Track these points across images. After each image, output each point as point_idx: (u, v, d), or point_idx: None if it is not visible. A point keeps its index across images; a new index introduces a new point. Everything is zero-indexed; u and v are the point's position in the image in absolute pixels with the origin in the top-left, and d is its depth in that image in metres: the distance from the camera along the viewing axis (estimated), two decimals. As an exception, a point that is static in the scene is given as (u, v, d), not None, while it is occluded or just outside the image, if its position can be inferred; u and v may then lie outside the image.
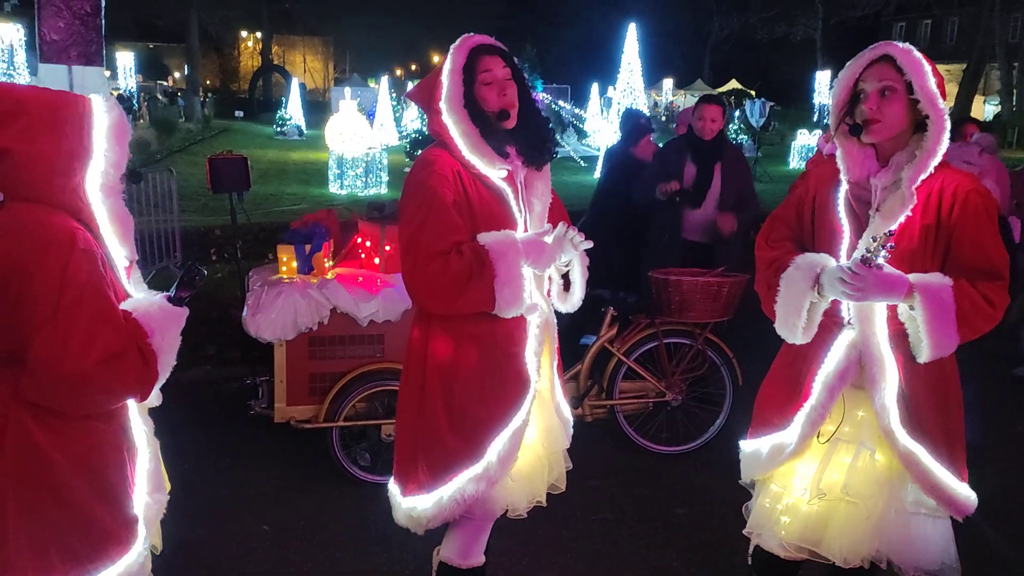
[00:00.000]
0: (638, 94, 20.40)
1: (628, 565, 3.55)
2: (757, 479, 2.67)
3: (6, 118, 1.96)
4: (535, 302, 2.58)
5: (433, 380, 2.55)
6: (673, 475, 4.39)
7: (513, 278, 2.42)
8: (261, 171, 16.56)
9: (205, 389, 5.31)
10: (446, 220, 2.41)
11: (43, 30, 8.06)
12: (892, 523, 2.43)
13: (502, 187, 2.55)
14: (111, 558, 2.09)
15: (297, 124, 29.03)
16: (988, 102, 35.59)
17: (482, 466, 2.52)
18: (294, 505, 3.97)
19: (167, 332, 2.09)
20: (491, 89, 2.50)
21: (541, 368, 2.65)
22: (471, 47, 2.50)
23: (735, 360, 4.57)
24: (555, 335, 2.75)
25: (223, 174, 4.77)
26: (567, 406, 2.84)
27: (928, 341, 2.27)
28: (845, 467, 2.46)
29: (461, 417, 2.53)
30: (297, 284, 4.02)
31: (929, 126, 2.29)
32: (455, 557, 2.74)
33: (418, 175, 2.49)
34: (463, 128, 2.46)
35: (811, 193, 2.54)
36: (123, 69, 34.01)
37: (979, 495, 2.49)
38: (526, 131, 2.60)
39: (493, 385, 2.53)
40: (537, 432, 2.69)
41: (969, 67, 28.08)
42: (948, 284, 2.25)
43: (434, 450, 2.55)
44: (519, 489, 2.66)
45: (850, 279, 2.23)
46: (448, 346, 2.53)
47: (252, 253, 7.91)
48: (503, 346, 2.55)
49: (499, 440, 2.53)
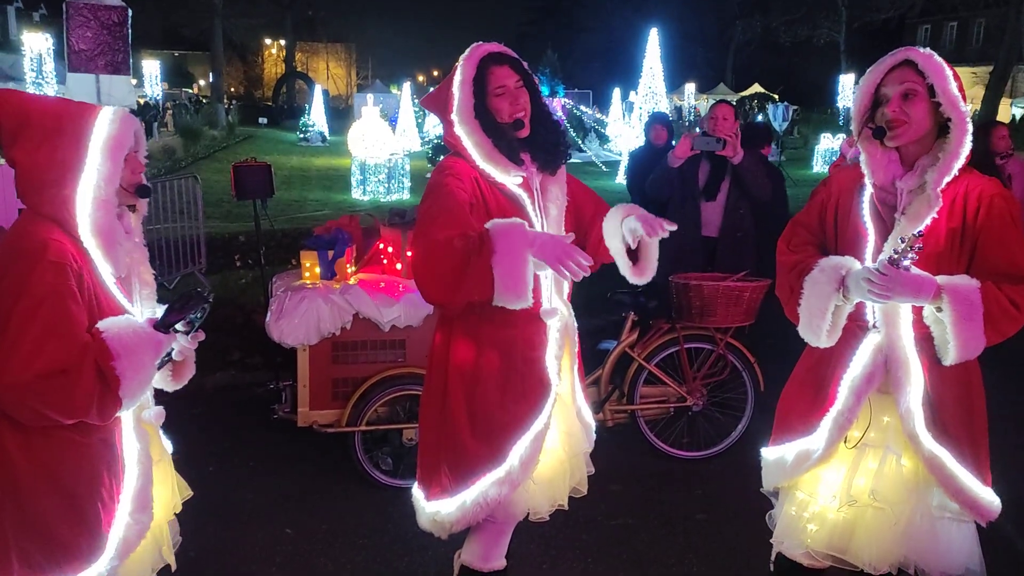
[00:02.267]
0: (660, 98, 20.35)
1: (648, 570, 3.55)
2: (781, 487, 2.65)
3: (17, 132, 2.00)
4: (554, 307, 2.59)
5: (455, 385, 2.56)
6: (694, 481, 4.38)
7: (512, 258, 2.27)
8: (284, 177, 16.71)
9: (229, 394, 5.37)
10: (458, 213, 2.41)
11: (71, 40, 8.20)
12: (918, 528, 2.42)
13: (519, 193, 2.56)
14: (65, 572, 2.05)
15: (320, 131, 29.23)
16: (1015, 104, 35.13)
17: (504, 470, 2.53)
18: (317, 509, 4.00)
19: (135, 356, 2.00)
20: (503, 99, 2.52)
21: (562, 372, 2.66)
22: (480, 57, 2.51)
23: (757, 365, 4.55)
24: (576, 339, 2.75)
25: (247, 181, 4.82)
26: (589, 410, 2.84)
27: (955, 343, 2.26)
28: (872, 473, 2.45)
29: (483, 421, 2.54)
30: (320, 289, 4.05)
31: (952, 129, 2.29)
32: (476, 560, 2.75)
33: (436, 178, 2.52)
34: (476, 139, 2.48)
35: (834, 198, 2.53)
36: (149, 77, 34.43)
37: (1005, 500, 2.48)
38: (539, 136, 2.61)
39: (514, 389, 2.55)
40: (559, 436, 2.69)
41: (996, 69, 27.72)
42: (976, 286, 2.24)
43: (456, 454, 2.56)
44: (541, 492, 2.66)
45: (878, 280, 2.21)
46: (470, 351, 2.54)
47: (276, 259, 7.98)
48: (523, 351, 2.56)
49: (521, 444, 2.54)
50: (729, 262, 4.90)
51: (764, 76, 43.12)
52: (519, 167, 2.55)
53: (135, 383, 2.01)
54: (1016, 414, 4.84)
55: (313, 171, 19.72)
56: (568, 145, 2.73)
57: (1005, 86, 28.75)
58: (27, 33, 20.19)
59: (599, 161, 21.56)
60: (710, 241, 5.20)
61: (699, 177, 5.18)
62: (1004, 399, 3.41)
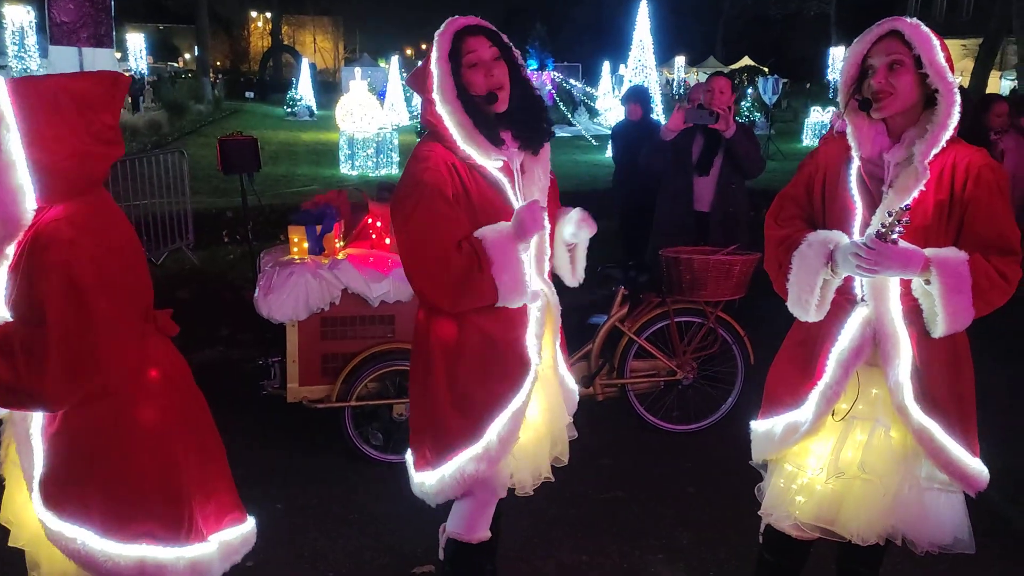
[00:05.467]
0: (650, 72, 20.24)
1: (639, 543, 3.57)
2: (770, 459, 2.67)
3: None
4: (537, 289, 2.57)
5: (437, 361, 2.58)
6: (684, 454, 4.40)
7: (510, 264, 2.40)
8: (272, 152, 16.58)
9: (218, 370, 5.34)
10: (445, 216, 2.40)
11: (53, 12, 8.08)
12: (906, 499, 2.43)
13: (498, 177, 2.52)
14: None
15: (308, 105, 28.97)
16: (1004, 77, 35.08)
17: (482, 446, 2.55)
18: (307, 484, 4.00)
19: None
20: (477, 72, 2.44)
21: (543, 349, 2.65)
22: (455, 30, 2.45)
23: (747, 338, 4.56)
24: (558, 315, 2.75)
25: (234, 155, 4.78)
26: (571, 378, 2.86)
27: (944, 315, 2.26)
28: (860, 445, 2.46)
29: (462, 398, 2.56)
30: (308, 265, 4.03)
31: (939, 100, 2.27)
32: (461, 532, 2.77)
33: (413, 171, 2.46)
34: (457, 119, 2.42)
35: (821, 171, 2.52)
36: (134, 51, 33.93)
37: (992, 470, 2.49)
38: (520, 113, 2.54)
39: (494, 368, 2.55)
40: (539, 411, 2.71)
41: (986, 42, 27.63)
42: (964, 258, 2.25)
43: (437, 429, 2.60)
44: (522, 467, 2.69)
45: (866, 254, 2.21)
46: (452, 329, 2.55)
47: (264, 234, 7.92)
48: (504, 331, 2.55)
49: (499, 421, 2.55)
50: (721, 237, 4.90)
51: (754, 49, 42.92)
52: (499, 149, 2.49)
53: None
54: (1001, 383, 4.88)
55: (301, 146, 19.57)
56: (551, 123, 2.68)
57: (995, 58, 28.71)
58: (8, 6, 19.86)
59: (588, 135, 21.47)
60: (703, 216, 5.19)
61: (693, 151, 5.16)
62: (990, 368, 3.42)
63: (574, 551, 3.50)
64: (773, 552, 2.77)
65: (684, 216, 5.13)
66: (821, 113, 21.57)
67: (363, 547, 3.52)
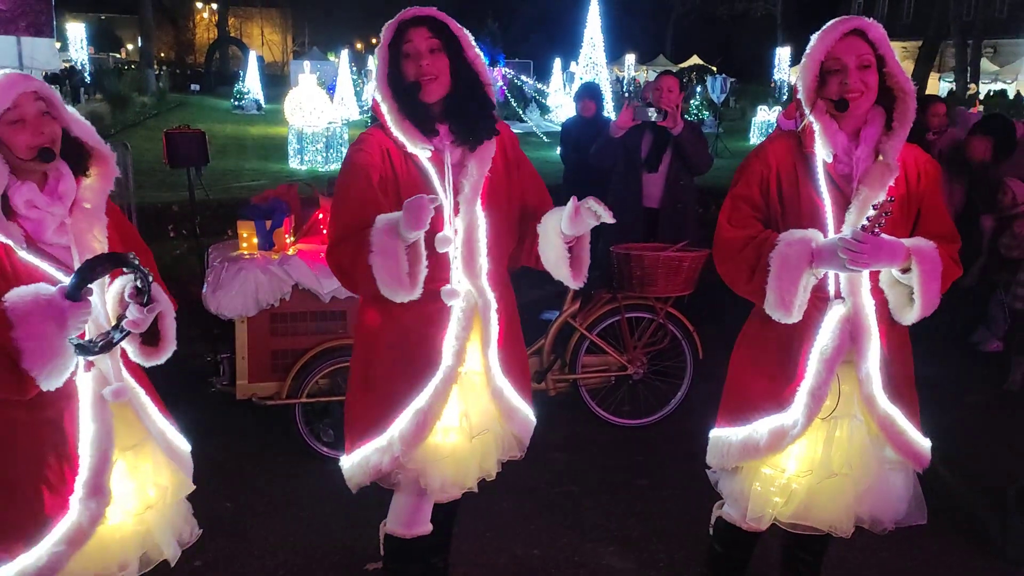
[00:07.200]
0: (600, 69, 20.38)
1: (591, 535, 3.60)
2: (743, 465, 2.61)
3: None
4: (454, 288, 2.49)
5: (358, 347, 2.65)
6: (635, 447, 4.45)
7: (386, 252, 2.27)
8: (219, 146, 16.28)
9: (165, 367, 5.23)
10: (363, 196, 2.39)
11: (-10, 0, 7.83)
12: (873, 484, 2.50)
13: (427, 167, 2.49)
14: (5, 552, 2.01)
15: (255, 98, 28.51)
16: (943, 79, 36.10)
17: (385, 439, 2.52)
18: (257, 481, 3.96)
19: (31, 325, 1.91)
20: (409, 63, 2.44)
21: (467, 353, 2.55)
22: (400, 20, 2.45)
23: (696, 333, 4.62)
24: (492, 318, 2.59)
25: (181, 148, 4.70)
26: (513, 392, 2.68)
27: (921, 301, 2.34)
28: (841, 442, 2.48)
29: (371, 389, 2.56)
30: (258, 260, 3.98)
31: (902, 99, 2.36)
32: (398, 528, 2.75)
33: (348, 153, 2.51)
34: (388, 105, 2.45)
35: (773, 171, 2.48)
36: (74, 41, 33.03)
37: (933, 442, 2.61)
38: (459, 107, 2.50)
39: (400, 363, 2.52)
40: (459, 417, 2.59)
41: (925, 44, 28.42)
42: (934, 246, 2.34)
43: (351, 415, 2.64)
44: (443, 472, 2.58)
45: (856, 248, 2.20)
46: (375, 319, 2.55)
47: (211, 229, 7.79)
48: (418, 327, 2.50)
49: (401, 418, 2.50)
50: (670, 233, 4.96)
51: (703, 48, 43.38)
52: (428, 139, 2.47)
53: (37, 354, 1.92)
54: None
55: (249, 140, 19.28)
56: (495, 120, 2.59)
57: (934, 61, 29.51)
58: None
59: (540, 132, 21.49)
60: (651, 212, 5.25)
61: (642, 148, 5.22)
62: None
63: (527, 544, 3.52)
64: (723, 543, 2.82)
65: (633, 212, 5.18)
66: (767, 112, 21.91)
67: (315, 544, 3.49)
